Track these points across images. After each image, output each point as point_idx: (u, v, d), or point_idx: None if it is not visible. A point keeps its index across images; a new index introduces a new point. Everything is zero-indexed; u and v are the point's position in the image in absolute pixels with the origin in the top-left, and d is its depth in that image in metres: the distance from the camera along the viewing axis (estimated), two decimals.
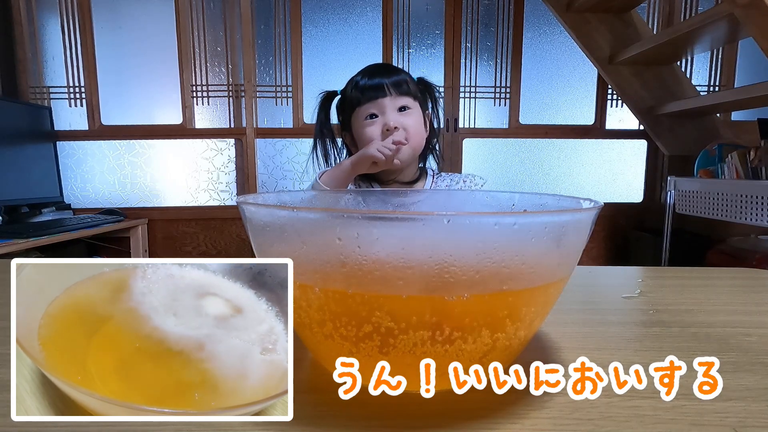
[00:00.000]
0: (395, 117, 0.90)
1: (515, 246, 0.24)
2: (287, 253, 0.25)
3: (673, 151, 2.20)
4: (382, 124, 0.90)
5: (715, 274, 0.62)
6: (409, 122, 0.91)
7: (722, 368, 0.31)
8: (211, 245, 2.40)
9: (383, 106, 0.91)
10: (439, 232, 0.23)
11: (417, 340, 0.24)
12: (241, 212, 0.29)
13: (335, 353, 0.26)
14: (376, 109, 0.91)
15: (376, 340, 0.25)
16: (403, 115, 0.92)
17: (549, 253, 0.25)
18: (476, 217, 0.26)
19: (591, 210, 0.26)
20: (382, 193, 0.53)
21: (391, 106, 0.91)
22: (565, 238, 0.25)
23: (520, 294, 0.25)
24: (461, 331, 0.24)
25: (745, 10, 1.39)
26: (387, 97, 0.91)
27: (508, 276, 0.24)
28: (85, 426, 0.24)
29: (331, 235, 0.23)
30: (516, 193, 0.39)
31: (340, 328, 0.25)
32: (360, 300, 0.24)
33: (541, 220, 0.25)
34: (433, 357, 0.25)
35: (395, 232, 0.24)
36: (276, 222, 0.26)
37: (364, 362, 0.25)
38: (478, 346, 0.25)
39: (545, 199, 0.36)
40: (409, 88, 0.93)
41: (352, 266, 0.23)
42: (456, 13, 2.32)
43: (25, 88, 2.28)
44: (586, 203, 0.31)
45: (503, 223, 0.23)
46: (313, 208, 0.25)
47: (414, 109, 0.93)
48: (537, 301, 0.27)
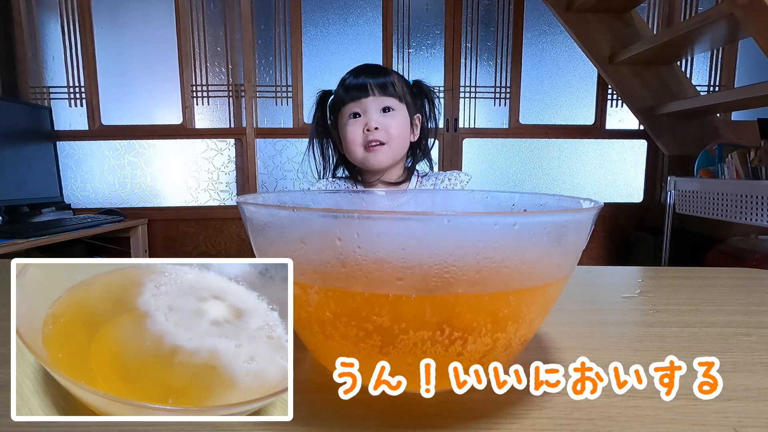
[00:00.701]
0: (377, 117, 0.91)
1: (515, 246, 0.24)
2: (287, 253, 0.25)
3: (673, 151, 2.20)
4: (363, 123, 0.91)
5: (715, 274, 0.62)
6: (391, 123, 0.91)
7: (722, 368, 0.31)
8: (211, 245, 2.40)
9: (366, 106, 0.91)
10: (439, 232, 0.23)
11: (417, 340, 0.24)
12: (241, 212, 0.29)
13: (335, 353, 0.26)
14: (359, 109, 0.92)
15: (376, 340, 0.25)
16: (386, 116, 0.92)
17: (549, 253, 0.25)
18: (476, 217, 0.26)
19: (591, 210, 0.26)
20: (367, 194, 0.53)
21: (374, 107, 0.91)
22: (565, 238, 0.25)
23: (521, 294, 0.25)
24: (461, 331, 0.24)
25: (745, 10, 1.39)
26: (370, 97, 0.91)
27: (508, 276, 0.24)
28: (85, 426, 0.24)
29: (331, 235, 0.23)
30: (516, 193, 0.39)
31: (340, 328, 0.25)
32: (360, 300, 0.24)
33: (541, 220, 0.25)
34: (433, 357, 0.25)
35: (395, 232, 0.24)
36: (276, 222, 0.26)
37: (364, 362, 0.25)
38: (478, 345, 0.25)
39: (545, 199, 0.36)
40: (395, 89, 0.93)
41: (352, 266, 0.23)
42: (456, 13, 2.32)
43: (25, 88, 2.28)
44: (586, 203, 0.31)
45: (503, 223, 0.23)
46: (313, 208, 0.25)
47: (398, 110, 0.93)
48: (537, 300, 0.27)
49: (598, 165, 2.46)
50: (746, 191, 1.48)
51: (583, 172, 2.46)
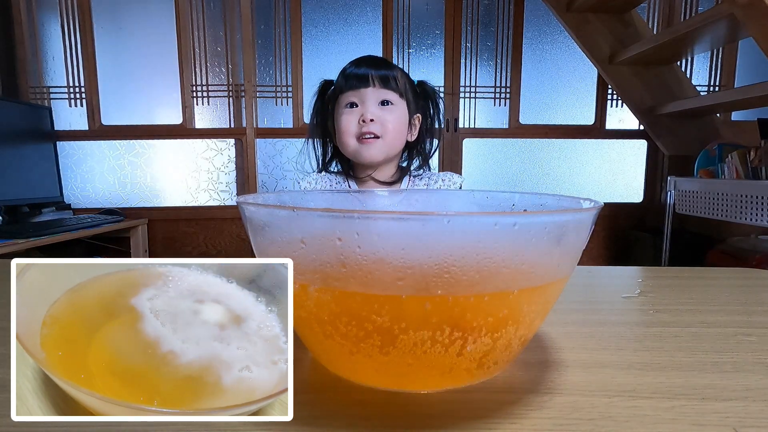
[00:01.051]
0: (374, 109, 0.88)
1: (515, 246, 0.24)
2: (287, 253, 0.25)
3: (673, 151, 2.20)
4: (359, 114, 0.88)
5: (715, 274, 0.62)
6: (388, 117, 0.89)
7: (722, 368, 0.31)
8: (211, 245, 2.40)
9: (364, 96, 0.88)
10: (439, 232, 0.23)
11: (417, 339, 0.24)
12: (241, 212, 0.29)
13: (335, 353, 0.26)
14: (356, 98, 0.89)
15: (376, 339, 0.25)
16: (384, 109, 0.89)
17: (549, 253, 0.25)
18: (476, 217, 0.26)
19: (591, 210, 0.26)
20: (367, 194, 0.53)
21: (372, 98, 0.88)
22: (565, 238, 0.25)
23: (521, 294, 0.25)
24: (461, 331, 0.24)
25: (745, 10, 1.39)
26: (369, 88, 0.88)
27: (508, 276, 0.24)
28: (85, 426, 0.24)
29: (332, 235, 0.23)
30: (516, 193, 0.39)
31: (340, 327, 0.25)
32: (360, 300, 0.24)
33: (541, 220, 0.25)
34: (433, 357, 0.25)
35: (396, 232, 0.24)
36: (276, 222, 0.26)
37: (364, 362, 0.25)
38: (478, 346, 0.25)
39: (545, 199, 0.36)
40: (397, 84, 0.90)
41: (352, 266, 0.23)
42: (456, 13, 2.32)
43: (25, 88, 2.28)
44: (586, 203, 0.31)
45: (503, 223, 0.23)
46: (313, 208, 0.25)
47: (397, 105, 0.90)
48: (537, 300, 0.27)
49: (598, 165, 2.46)
50: (746, 191, 1.48)
51: (583, 172, 2.46)
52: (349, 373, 0.29)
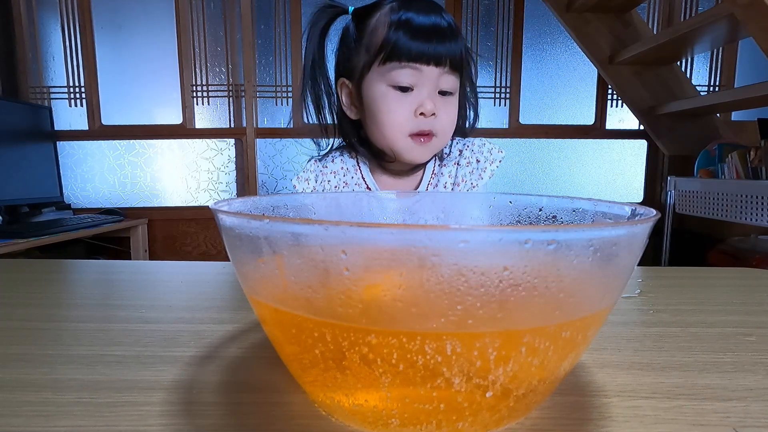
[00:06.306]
0: (435, 99, 0.66)
1: (552, 270, 0.18)
2: (263, 274, 0.20)
3: (673, 151, 2.20)
4: (416, 103, 0.65)
5: (715, 274, 0.62)
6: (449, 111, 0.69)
7: (722, 368, 0.31)
8: (211, 245, 2.40)
9: (426, 80, 0.65)
10: (451, 252, 0.17)
11: (421, 381, 0.19)
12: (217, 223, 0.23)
13: (323, 387, 0.22)
14: (415, 80, 0.65)
15: (367, 378, 0.20)
16: (443, 100, 0.67)
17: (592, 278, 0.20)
18: (500, 232, 0.18)
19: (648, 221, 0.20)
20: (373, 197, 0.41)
21: (434, 84, 0.65)
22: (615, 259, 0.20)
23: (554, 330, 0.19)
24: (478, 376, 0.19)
25: (745, 10, 1.39)
26: (437, 68, 0.64)
27: (539, 309, 0.19)
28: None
29: (314, 254, 0.18)
30: (543, 197, 0.33)
31: (327, 361, 0.20)
32: (347, 333, 0.18)
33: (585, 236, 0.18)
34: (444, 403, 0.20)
35: (393, 253, 0.18)
36: (248, 235, 0.20)
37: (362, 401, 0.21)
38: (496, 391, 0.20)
39: (579, 203, 0.30)
40: (462, 62, 0.66)
41: (339, 296, 0.18)
42: (456, 13, 2.32)
43: (25, 88, 2.28)
44: (628, 209, 0.25)
45: (537, 240, 0.17)
46: (289, 218, 0.19)
47: (455, 96, 0.69)
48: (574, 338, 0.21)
49: (598, 165, 2.46)
50: (746, 191, 1.48)
51: (583, 172, 2.46)
52: (350, 419, 0.23)
